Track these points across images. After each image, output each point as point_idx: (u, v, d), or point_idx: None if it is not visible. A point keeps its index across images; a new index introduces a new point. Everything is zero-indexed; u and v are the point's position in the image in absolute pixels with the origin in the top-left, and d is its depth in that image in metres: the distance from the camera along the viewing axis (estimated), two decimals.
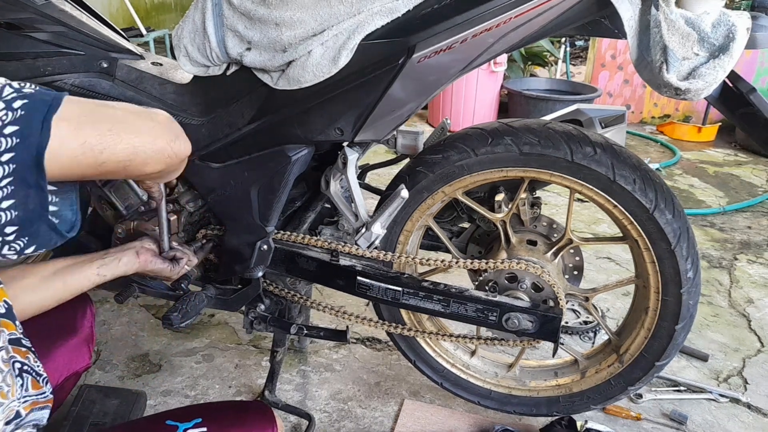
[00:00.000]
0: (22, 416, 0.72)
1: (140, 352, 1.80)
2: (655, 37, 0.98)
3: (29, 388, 0.76)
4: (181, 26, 1.17)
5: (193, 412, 0.85)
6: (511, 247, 1.36)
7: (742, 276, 2.37)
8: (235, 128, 1.20)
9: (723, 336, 1.97)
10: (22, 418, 0.72)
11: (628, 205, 1.20)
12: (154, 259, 1.10)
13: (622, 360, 1.38)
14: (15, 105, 0.56)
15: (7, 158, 0.55)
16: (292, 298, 1.41)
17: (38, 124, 0.56)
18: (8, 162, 0.55)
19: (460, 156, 1.24)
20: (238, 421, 0.85)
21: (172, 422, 0.82)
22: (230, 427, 0.84)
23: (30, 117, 0.56)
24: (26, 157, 0.55)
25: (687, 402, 1.65)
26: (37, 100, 0.58)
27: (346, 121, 1.13)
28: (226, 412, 0.87)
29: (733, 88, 1.10)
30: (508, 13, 0.99)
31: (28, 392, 0.75)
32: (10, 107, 0.56)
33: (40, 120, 0.56)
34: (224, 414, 0.86)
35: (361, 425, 1.54)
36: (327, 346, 1.84)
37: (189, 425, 0.81)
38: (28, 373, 0.76)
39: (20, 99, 0.57)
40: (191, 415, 0.84)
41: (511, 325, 1.26)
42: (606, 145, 1.19)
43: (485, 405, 1.52)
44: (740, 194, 3.26)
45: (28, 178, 0.56)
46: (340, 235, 1.42)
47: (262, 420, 0.86)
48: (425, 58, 1.03)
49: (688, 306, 1.26)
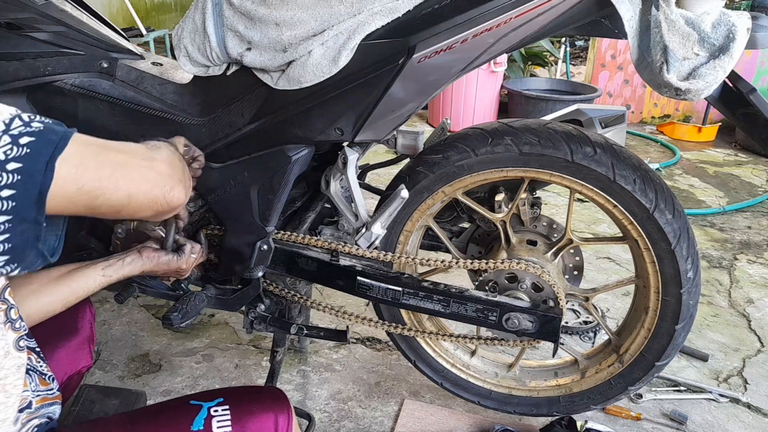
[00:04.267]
0: (32, 408, 0.77)
1: (140, 352, 1.80)
2: (655, 37, 0.98)
3: (38, 384, 0.80)
4: (182, 26, 1.17)
5: (215, 393, 0.88)
6: (511, 248, 1.36)
7: (742, 276, 2.37)
8: (235, 128, 1.20)
9: (723, 336, 1.97)
10: (34, 409, 0.77)
11: (628, 205, 1.20)
12: (158, 254, 1.10)
13: (622, 360, 1.38)
14: (21, 141, 0.57)
15: (8, 194, 0.55)
16: (292, 298, 1.41)
17: (42, 164, 0.57)
18: (8, 198, 0.55)
19: (460, 156, 1.24)
20: (256, 402, 0.88)
21: (196, 402, 0.85)
22: (249, 405, 0.87)
23: (35, 156, 0.57)
24: (28, 196, 0.56)
25: (687, 402, 1.65)
26: (44, 138, 0.58)
27: (347, 121, 1.13)
28: (244, 394, 0.91)
29: (733, 89, 1.10)
30: (509, 13, 0.99)
31: (38, 387, 0.80)
32: (17, 142, 0.56)
33: (44, 161, 0.57)
34: (242, 395, 0.90)
35: (361, 425, 1.54)
36: (327, 346, 1.84)
37: (212, 404, 0.84)
38: (33, 371, 0.81)
39: (27, 136, 0.57)
40: (213, 395, 0.87)
41: (511, 325, 1.26)
42: (606, 145, 1.19)
43: (485, 405, 1.52)
44: (740, 194, 3.26)
45: (27, 215, 0.57)
46: (340, 235, 1.42)
47: (277, 401, 0.89)
48: (425, 58, 1.03)
49: (688, 306, 1.26)
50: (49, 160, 0.57)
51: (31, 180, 0.56)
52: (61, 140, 0.59)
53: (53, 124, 0.60)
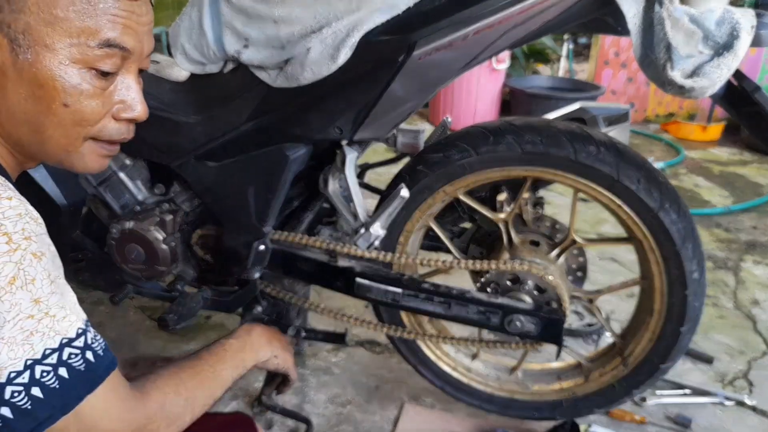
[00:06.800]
0: None
1: (136, 354, 1.78)
2: (659, 34, 0.97)
3: None
4: (178, 23, 1.16)
5: None
6: (513, 248, 1.34)
7: (748, 277, 2.35)
8: (232, 126, 1.18)
9: (728, 338, 1.95)
10: None
11: (632, 204, 1.18)
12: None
13: (627, 363, 1.36)
14: (60, 371, 0.61)
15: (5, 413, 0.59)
16: (290, 300, 1.39)
17: (54, 410, 0.61)
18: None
19: (461, 155, 1.22)
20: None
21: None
22: None
23: (56, 395, 0.61)
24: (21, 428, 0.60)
25: (692, 405, 1.63)
26: (74, 384, 0.62)
27: (346, 120, 1.12)
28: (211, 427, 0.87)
29: (737, 87, 1.09)
30: (510, 10, 0.98)
31: None
32: (56, 370, 0.61)
33: (58, 407, 0.61)
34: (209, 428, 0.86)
35: (360, 429, 1.52)
36: (325, 348, 1.82)
37: None
38: None
39: (67, 369, 0.61)
40: None
41: (513, 328, 1.24)
42: (610, 144, 1.17)
43: (487, 409, 1.50)
44: (746, 194, 3.24)
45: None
46: (338, 235, 1.40)
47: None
48: (426, 55, 1.02)
49: (694, 308, 1.24)
50: (60, 408, 0.61)
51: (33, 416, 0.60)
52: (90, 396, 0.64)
53: (100, 361, 0.64)
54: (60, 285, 0.63)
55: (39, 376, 0.59)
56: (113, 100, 0.70)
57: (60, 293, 0.62)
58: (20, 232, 0.58)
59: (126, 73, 0.70)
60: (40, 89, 0.64)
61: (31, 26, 0.62)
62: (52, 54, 0.63)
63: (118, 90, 0.70)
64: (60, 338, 0.61)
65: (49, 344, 0.60)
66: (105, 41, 0.65)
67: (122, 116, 0.72)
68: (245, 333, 1.03)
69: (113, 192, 1.28)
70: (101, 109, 0.69)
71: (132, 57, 0.69)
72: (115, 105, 0.70)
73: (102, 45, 0.65)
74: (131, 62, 0.70)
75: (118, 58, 0.67)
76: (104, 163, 0.76)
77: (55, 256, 0.64)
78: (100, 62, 0.66)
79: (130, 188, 1.28)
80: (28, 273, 0.58)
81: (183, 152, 1.22)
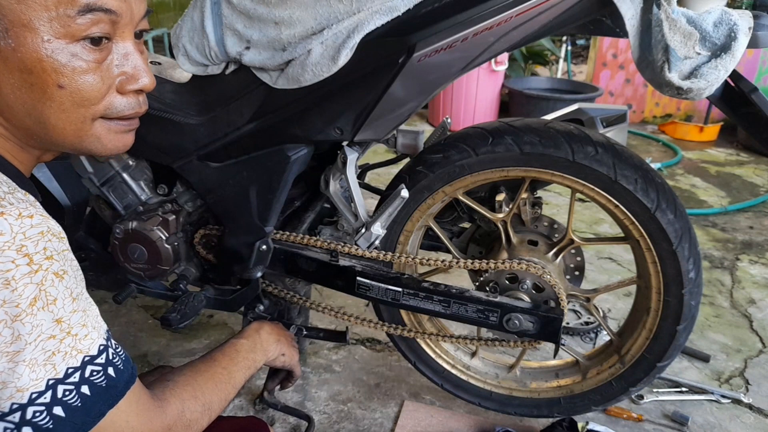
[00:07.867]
0: None
1: (139, 353, 1.79)
2: (656, 36, 0.98)
3: None
4: (180, 25, 1.16)
5: None
6: (512, 248, 1.35)
7: (744, 276, 2.36)
8: (234, 127, 1.19)
9: (725, 337, 1.96)
10: None
11: (629, 205, 1.19)
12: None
13: (624, 361, 1.37)
14: (82, 389, 0.60)
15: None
16: (292, 299, 1.40)
17: (79, 426, 0.61)
18: None
19: (460, 155, 1.23)
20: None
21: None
22: None
23: (77, 413, 0.60)
24: None
25: (688, 403, 1.64)
26: (96, 401, 0.62)
27: (346, 121, 1.13)
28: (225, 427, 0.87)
29: (735, 88, 1.09)
30: (509, 12, 0.98)
31: None
32: (78, 389, 0.60)
33: (80, 424, 0.61)
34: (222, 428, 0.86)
35: (361, 427, 1.53)
36: (326, 347, 1.84)
37: None
38: None
39: (89, 386, 0.61)
40: None
41: (512, 326, 1.25)
42: (607, 145, 1.18)
43: (486, 406, 1.51)
44: (742, 194, 3.25)
45: None
46: (339, 235, 1.41)
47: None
48: (426, 56, 1.03)
49: (690, 306, 1.25)
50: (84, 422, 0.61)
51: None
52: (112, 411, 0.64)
53: (121, 376, 0.65)
54: (82, 301, 0.62)
55: (61, 396, 0.58)
56: (113, 73, 0.64)
57: (82, 310, 0.61)
58: (42, 252, 0.56)
59: (120, 39, 0.63)
60: (31, 75, 0.58)
61: (3, 6, 0.55)
62: (33, 33, 0.56)
63: (116, 60, 0.63)
64: (82, 356, 0.60)
65: (72, 363, 0.59)
66: (85, 6, 0.58)
67: (128, 89, 0.65)
68: (255, 332, 1.04)
69: (116, 192, 1.29)
70: (101, 84, 0.62)
71: (121, 20, 0.62)
72: (117, 78, 0.64)
73: (83, 11, 0.58)
74: (122, 26, 0.63)
75: (105, 23, 0.60)
76: (127, 140, 0.70)
77: (78, 270, 0.62)
78: (87, 32, 0.59)
79: (133, 188, 1.29)
80: (50, 294, 0.56)
81: (185, 153, 1.23)
